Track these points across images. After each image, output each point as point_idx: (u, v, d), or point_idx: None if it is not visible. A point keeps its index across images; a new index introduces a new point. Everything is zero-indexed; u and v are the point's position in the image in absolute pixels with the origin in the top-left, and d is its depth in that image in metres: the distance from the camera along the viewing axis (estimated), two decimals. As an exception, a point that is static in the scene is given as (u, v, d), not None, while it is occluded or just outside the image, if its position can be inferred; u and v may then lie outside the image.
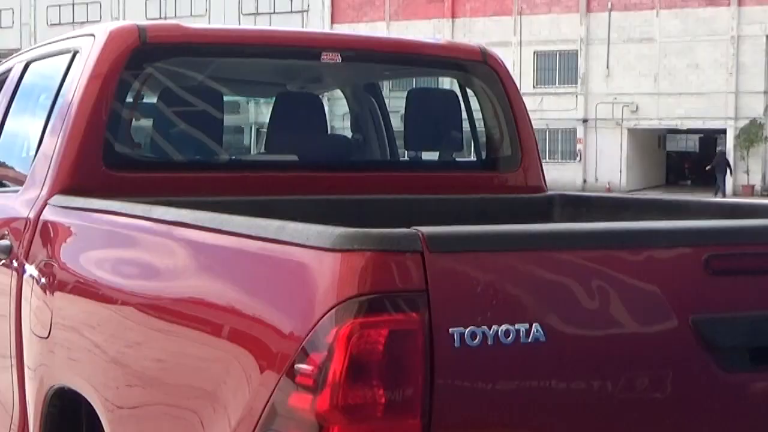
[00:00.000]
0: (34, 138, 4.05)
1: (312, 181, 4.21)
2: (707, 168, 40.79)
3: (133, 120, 4.15)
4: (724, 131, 43.48)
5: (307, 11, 48.15)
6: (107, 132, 3.80)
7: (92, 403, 3.05)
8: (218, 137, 4.35)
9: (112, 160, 3.79)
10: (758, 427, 2.54)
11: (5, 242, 3.77)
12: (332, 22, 47.28)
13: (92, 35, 3.92)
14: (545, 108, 42.77)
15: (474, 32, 43.76)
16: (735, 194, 40.86)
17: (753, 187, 41.82)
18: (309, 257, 2.29)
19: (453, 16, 45.81)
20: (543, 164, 4.79)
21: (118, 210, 3.24)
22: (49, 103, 3.98)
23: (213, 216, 2.76)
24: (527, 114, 4.70)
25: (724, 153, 40.82)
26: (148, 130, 4.27)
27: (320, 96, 5.22)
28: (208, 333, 2.61)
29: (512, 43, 43.92)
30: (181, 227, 2.85)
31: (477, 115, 4.76)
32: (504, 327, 2.23)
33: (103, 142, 3.78)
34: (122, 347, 3.00)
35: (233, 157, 5.71)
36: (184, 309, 2.75)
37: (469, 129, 4.79)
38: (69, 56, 4.00)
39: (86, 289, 3.25)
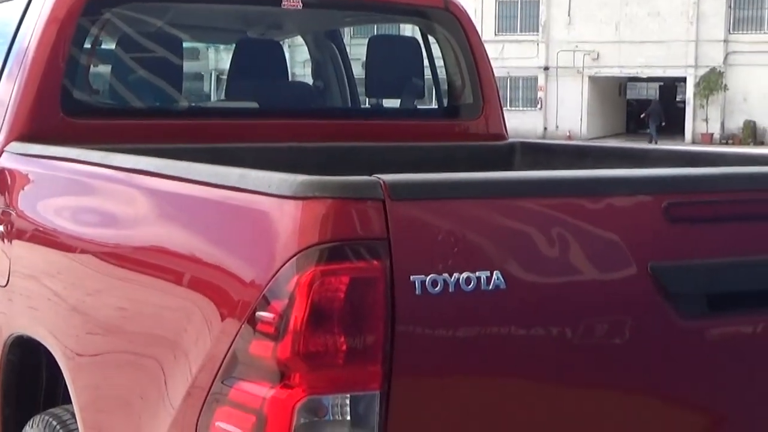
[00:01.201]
0: (-11, 84, 4.00)
1: (273, 129, 4.19)
2: (642, 116, 41.07)
3: (92, 66, 4.11)
4: (684, 79, 43.68)
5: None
6: (65, 78, 3.75)
7: (52, 352, 3.04)
8: (178, 84, 4.31)
9: (70, 107, 3.76)
10: (714, 373, 2.57)
11: (-38, 190, 3.73)
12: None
13: None
14: (506, 56, 42.73)
15: (436, -21, 43.46)
16: (694, 142, 41.16)
17: (712, 135, 42.11)
18: (270, 205, 2.28)
19: (414, -38, 45.45)
20: (504, 112, 4.79)
21: (76, 157, 3.21)
22: (5, 48, 3.92)
23: (173, 164, 2.75)
24: (489, 62, 4.70)
25: (658, 102, 41.12)
26: (107, 76, 4.23)
27: (281, 43, 5.18)
28: (169, 281, 2.61)
29: (474, -9, 43.79)
30: (140, 175, 2.83)
31: (439, 62, 4.75)
32: (465, 275, 2.24)
33: (61, 88, 3.74)
34: (82, 296, 2.99)
35: (193, 104, 5.67)
36: (144, 257, 2.74)
37: (430, 76, 4.78)
38: (25, 0, 3.94)
39: (45, 238, 3.23)
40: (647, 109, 40.91)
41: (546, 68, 44.98)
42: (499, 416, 2.32)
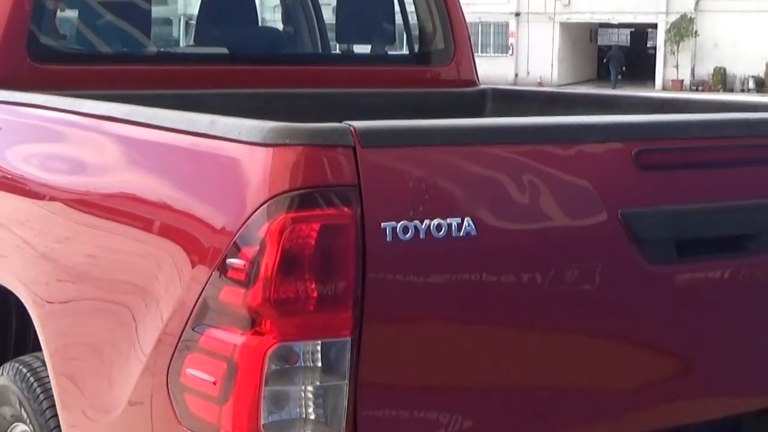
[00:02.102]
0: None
1: (242, 75, 4.16)
2: (605, 60, 41.09)
3: (58, 11, 4.05)
4: (654, 26, 43.69)
5: None
6: (31, 23, 3.70)
7: (21, 299, 3.02)
8: (146, 29, 4.27)
9: (36, 52, 3.71)
10: (682, 317, 2.60)
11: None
12: None
13: None
14: (478, 1, 42.53)
15: (407, -77, 43.15)
16: (664, 89, 41.24)
17: (682, 81, 42.22)
18: (241, 152, 2.27)
19: None
20: (475, 58, 4.77)
21: (43, 104, 3.17)
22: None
23: (142, 110, 2.72)
24: (460, 7, 4.67)
25: (619, 48, 41.16)
26: (74, 21, 4.17)
27: (251, -13, 5.12)
28: (139, 228, 2.59)
29: (445, -65, 43.41)
30: (109, 121, 2.81)
31: (410, 7, 4.72)
32: (436, 221, 2.24)
33: (27, 33, 3.69)
34: (51, 243, 2.97)
35: (161, 50, 5.61)
36: (114, 204, 2.72)
37: (401, 22, 4.75)
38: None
39: (13, 185, 3.20)
40: (607, 54, 40.87)
41: (517, 14, 44.85)
42: (469, 361, 2.34)
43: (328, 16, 4.97)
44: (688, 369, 2.65)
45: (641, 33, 46.28)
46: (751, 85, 42.03)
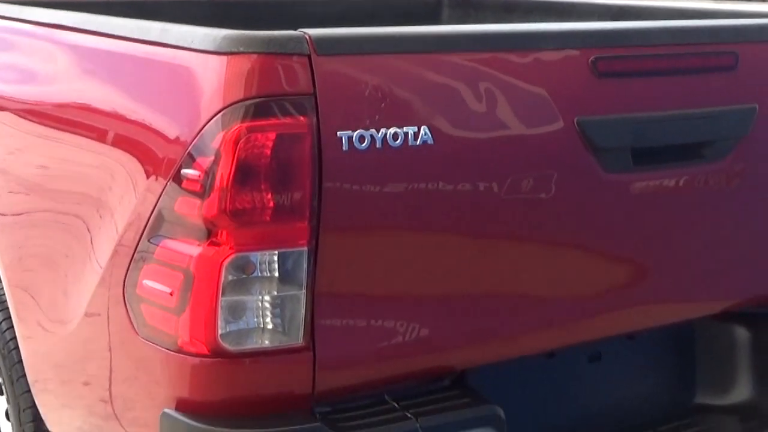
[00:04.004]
0: None
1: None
2: None
3: None
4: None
5: None
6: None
7: (-26, 211, 3.00)
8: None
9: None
10: (637, 224, 2.62)
11: None
12: None
13: None
14: None
15: None
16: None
17: (639, -11, 42.05)
18: (194, 61, 2.24)
19: None
20: (432, -36, 4.72)
21: (-8, 12, 3.11)
22: None
23: (93, 18, 2.67)
24: None
25: None
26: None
27: None
28: (92, 139, 2.56)
29: None
30: (60, 30, 2.75)
31: None
32: (392, 130, 2.23)
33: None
34: (3, 154, 2.94)
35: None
36: (66, 114, 2.69)
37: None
38: None
39: (-38, 95, 3.15)
40: None
41: None
42: (425, 270, 2.35)
43: None
44: (642, 276, 2.68)
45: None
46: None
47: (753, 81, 2.74)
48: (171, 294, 2.20)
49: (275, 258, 2.18)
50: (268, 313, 2.20)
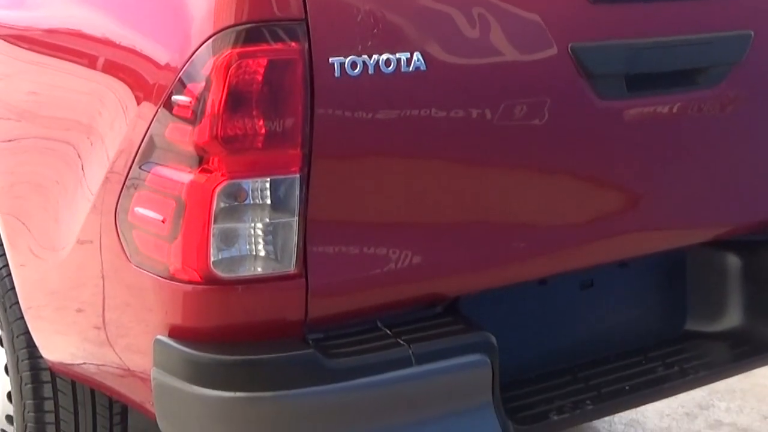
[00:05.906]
0: None
1: None
2: None
3: None
4: None
5: None
6: None
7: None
8: None
9: None
10: (631, 150, 2.61)
11: None
12: None
13: None
14: None
15: None
16: None
17: None
18: (184, -15, 2.21)
19: None
20: None
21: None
22: None
23: (81, -59, 2.63)
24: None
25: None
26: None
27: None
28: (82, 65, 2.54)
29: None
30: (47, -47, 2.72)
31: None
32: (385, 56, 2.21)
33: None
34: (-8, 80, 2.91)
35: None
36: (55, 40, 2.66)
37: None
38: None
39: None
40: None
41: None
42: (418, 197, 2.34)
43: None
44: (635, 204, 2.68)
45: None
46: None
47: (748, 7, 2.72)
48: (163, 221, 2.20)
49: (267, 185, 2.17)
50: (261, 240, 2.20)
